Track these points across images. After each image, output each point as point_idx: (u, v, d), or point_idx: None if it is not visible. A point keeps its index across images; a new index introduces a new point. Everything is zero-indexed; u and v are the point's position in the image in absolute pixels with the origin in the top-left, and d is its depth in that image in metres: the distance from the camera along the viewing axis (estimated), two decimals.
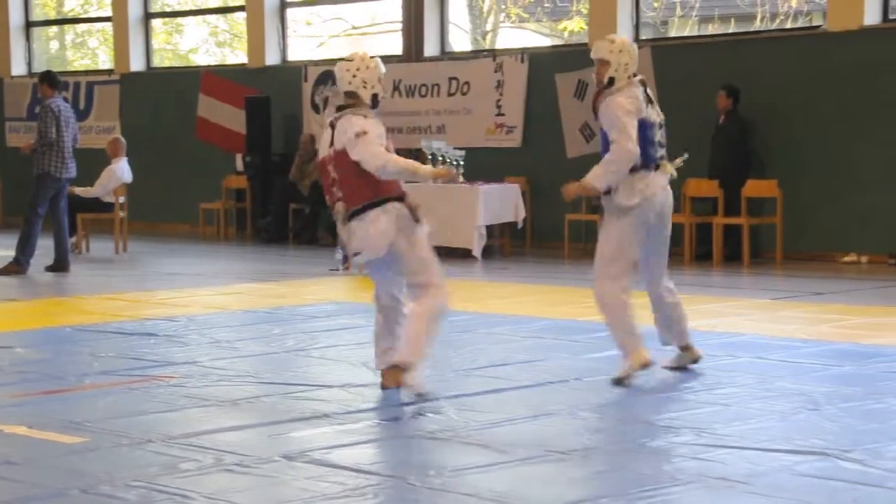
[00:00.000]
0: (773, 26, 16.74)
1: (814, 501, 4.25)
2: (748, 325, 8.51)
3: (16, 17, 20.04)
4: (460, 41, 17.44)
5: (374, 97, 6.23)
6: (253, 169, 16.50)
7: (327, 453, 5.06)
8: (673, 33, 17.74)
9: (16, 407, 5.96)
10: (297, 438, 5.34)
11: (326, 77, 16.87)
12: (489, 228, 13.83)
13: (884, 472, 4.57)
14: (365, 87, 6.21)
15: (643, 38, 14.78)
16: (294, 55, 17.78)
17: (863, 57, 12.81)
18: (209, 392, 6.32)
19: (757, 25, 17.21)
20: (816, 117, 13.03)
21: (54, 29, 21.31)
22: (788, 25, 16.45)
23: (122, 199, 14.55)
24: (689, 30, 18.03)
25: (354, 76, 6.20)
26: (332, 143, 6.20)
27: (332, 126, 6.22)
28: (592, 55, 6.63)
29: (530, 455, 4.97)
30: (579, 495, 4.47)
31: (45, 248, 12.15)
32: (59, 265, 12.18)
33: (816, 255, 12.92)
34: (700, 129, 13.27)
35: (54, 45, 21.56)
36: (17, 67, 20.06)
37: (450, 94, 15.83)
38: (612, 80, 6.48)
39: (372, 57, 6.28)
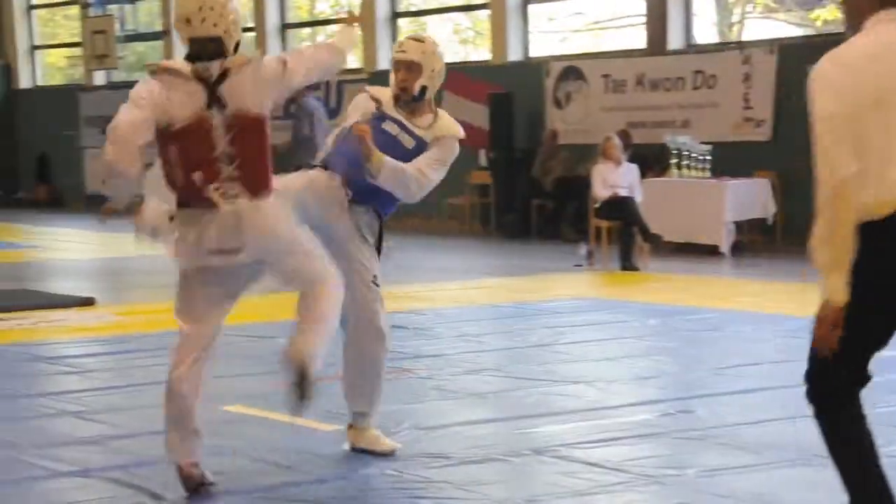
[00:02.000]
0: None
1: None
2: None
3: (272, 19, 20.84)
4: (705, 33, 17.11)
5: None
6: (496, 165, 16.65)
7: (575, 449, 5.05)
8: None
9: (279, 395, 6.17)
10: (545, 433, 5.36)
11: (569, 73, 16.87)
12: (737, 224, 13.53)
13: None
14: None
15: None
16: (536, 51, 17.84)
17: None
18: (457, 385, 6.41)
19: None
20: None
21: (307, 30, 22.05)
22: None
23: None
24: None
25: None
26: None
27: None
28: None
29: (786, 458, 4.83)
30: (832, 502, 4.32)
31: None
32: None
33: None
34: None
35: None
36: None
37: (695, 88, 15.55)
38: None
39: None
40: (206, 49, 4.47)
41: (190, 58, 4.51)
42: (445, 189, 19.95)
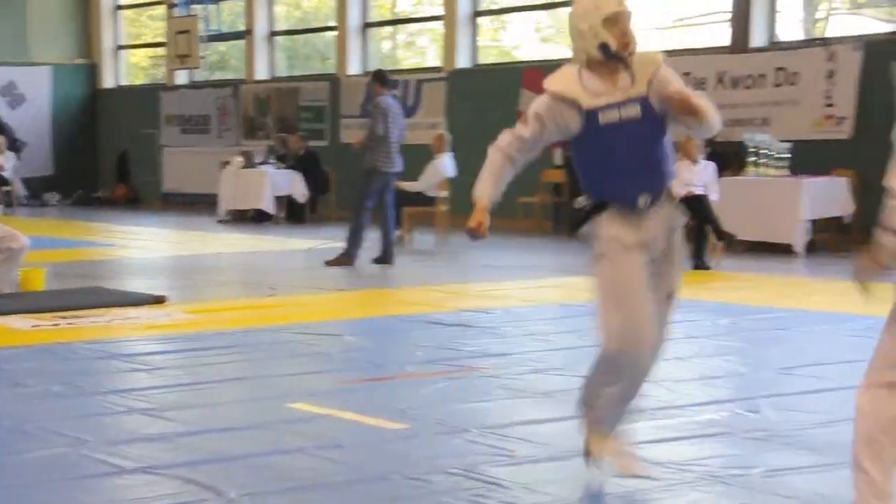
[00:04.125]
0: None
1: None
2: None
3: (354, 18, 20.98)
4: (790, 30, 16.88)
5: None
6: (570, 163, 16.59)
7: (643, 448, 5.02)
8: None
9: (344, 393, 6.25)
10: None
11: None
12: (813, 223, 13.35)
13: None
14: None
15: None
16: None
17: None
18: (524, 383, 6.41)
19: None
20: None
21: (388, 29, 22.16)
22: None
23: (444, 194, 14.96)
24: None
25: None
26: None
27: None
28: None
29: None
30: None
31: (372, 241, 12.66)
32: (385, 257, 12.64)
33: None
34: None
35: (387, 44, 22.43)
36: (354, 67, 21.00)
37: (776, 85, 15.36)
38: None
39: None
40: None
41: None
42: (518, 188, 19.92)
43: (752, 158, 13.95)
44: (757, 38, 15.73)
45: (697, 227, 11.91)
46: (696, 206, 11.94)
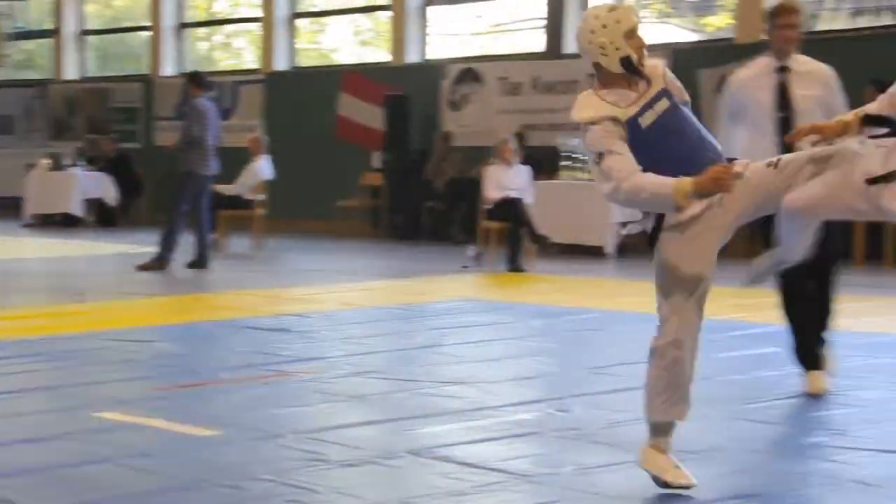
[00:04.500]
0: None
1: None
2: (890, 325, 8.25)
3: (169, 18, 20.60)
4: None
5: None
6: (389, 166, 16.65)
7: (454, 450, 5.06)
8: (823, 27, 17.30)
9: (155, 400, 6.11)
10: (425, 434, 5.36)
11: (465, 75, 16.93)
12: (624, 226, 13.68)
13: None
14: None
15: None
16: (435, 53, 17.88)
17: None
18: (340, 388, 6.39)
19: None
20: None
21: (204, 30, 21.82)
22: None
23: (261, 197, 14.82)
24: (841, 23, 17.56)
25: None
26: None
27: None
28: None
29: None
30: (709, 496, 4.39)
31: (186, 245, 12.44)
32: (200, 261, 12.45)
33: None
34: None
35: (204, 45, 22.09)
36: (168, 68, 20.61)
37: None
38: None
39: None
40: None
41: None
42: (337, 190, 19.97)
43: (566, 163, 14.24)
44: (570, 45, 16.07)
45: (513, 230, 12.09)
46: (512, 209, 12.12)
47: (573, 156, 14.22)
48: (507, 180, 12.31)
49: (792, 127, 5.76)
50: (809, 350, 6.06)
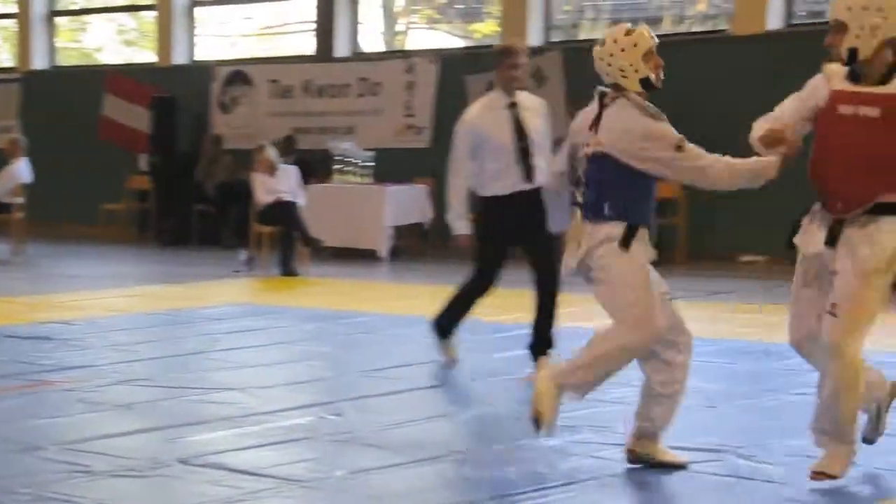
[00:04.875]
0: (681, 30, 16.92)
1: (707, 498, 4.27)
2: None
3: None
4: (372, 42, 17.37)
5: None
6: (157, 169, 16.26)
7: (225, 457, 4.96)
8: (583, 36, 17.85)
9: None
10: (194, 442, 5.24)
11: (236, 77, 16.71)
12: (397, 229, 13.80)
13: (774, 467, 4.62)
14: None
15: (554, 40, 14.85)
16: (203, 55, 17.58)
17: (767, 60, 13.00)
18: (105, 396, 6.18)
19: (665, 29, 17.37)
20: (723, 119, 13.16)
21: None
22: (696, 29, 16.64)
23: (20, 200, 14.25)
24: (601, 33, 18.16)
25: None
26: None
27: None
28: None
29: (429, 456, 4.92)
30: (476, 496, 4.44)
31: None
32: None
33: (717, 254, 13.07)
34: None
35: None
36: None
37: (359, 95, 15.75)
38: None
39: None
40: None
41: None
42: (102, 194, 19.32)
43: (338, 166, 14.24)
44: (341, 48, 16.07)
45: (285, 233, 12.00)
46: (284, 212, 12.03)
47: (345, 159, 14.22)
48: (277, 183, 12.21)
49: (530, 156, 6.34)
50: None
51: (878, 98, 4.26)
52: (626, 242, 4.60)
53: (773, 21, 13.14)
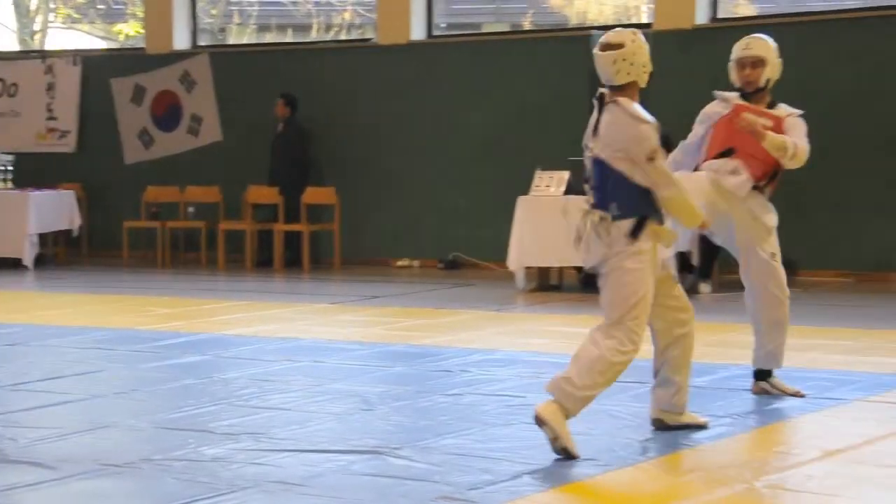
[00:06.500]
0: (329, 37, 17.20)
1: (366, 499, 4.38)
2: (308, 329, 8.67)
3: None
4: (7, 41, 16.62)
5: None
6: None
7: None
8: (231, 41, 17.78)
9: None
10: None
11: None
12: (42, 237, 13.30)
13: (430, 466, 4.78)
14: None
15: (201, 44, 14.72)
16: None
17: (411, 70, 13.43)
18: None
19: (313, 36, 17.60)
20: (370, 126, 13.49)
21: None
22: (343, 37, 16.96)
23: None
24: (248, 37, 18.15)
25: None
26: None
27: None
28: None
29: (84, 470, 4.79)
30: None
31: None
32: None
33: (373, 260, 13.38)
34: (259, 136, 13.41)
35: None
36: None
37: None
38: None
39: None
40: None
41: None
42: None
43: None
44: None
45: None
46: None
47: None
48: None
49: None
50: None
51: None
52: (635, 234, 4.94)
53: (417, 32, 13.59)
